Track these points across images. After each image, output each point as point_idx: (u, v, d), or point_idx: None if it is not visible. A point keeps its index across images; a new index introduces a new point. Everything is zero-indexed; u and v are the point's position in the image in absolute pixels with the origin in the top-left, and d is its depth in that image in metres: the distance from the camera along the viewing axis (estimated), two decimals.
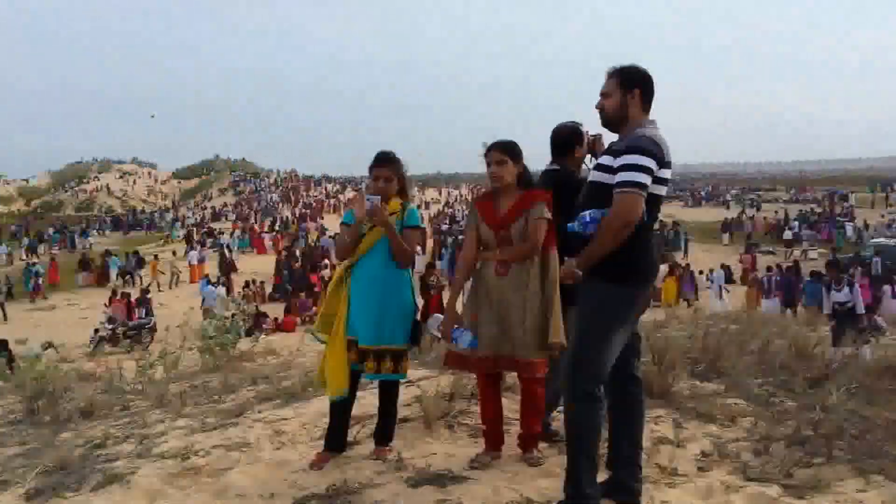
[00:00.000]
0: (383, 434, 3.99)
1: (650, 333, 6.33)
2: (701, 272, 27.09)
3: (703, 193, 65.37)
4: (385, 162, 3.93)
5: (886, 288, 17.88)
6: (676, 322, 10.92)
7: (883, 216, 41.80)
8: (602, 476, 3.24)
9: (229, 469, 3.91)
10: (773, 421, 4.49)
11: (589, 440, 3.06)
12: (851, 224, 39.37)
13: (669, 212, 49.70)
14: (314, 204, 55.65)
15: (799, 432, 4.18)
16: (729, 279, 24.89)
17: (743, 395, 5.14)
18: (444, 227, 42.32)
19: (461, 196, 62.16)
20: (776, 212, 44.85)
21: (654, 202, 3.03)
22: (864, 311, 9.60)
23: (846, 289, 9.56)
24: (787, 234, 36.01)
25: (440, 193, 69.09)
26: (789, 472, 3.67)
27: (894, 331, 11.38)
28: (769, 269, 22.72)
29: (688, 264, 26.94)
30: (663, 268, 24.65)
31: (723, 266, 24.51)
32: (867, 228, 37.81)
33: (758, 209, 48.76)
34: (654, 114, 3.16)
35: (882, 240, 30.90)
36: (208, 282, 22.93)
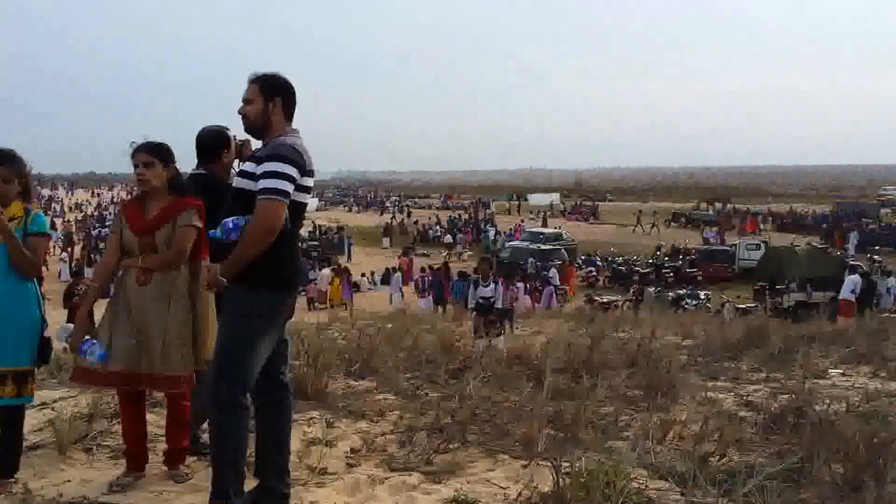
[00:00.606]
0: (4, 465, 3.52)
1: (311, 336, 6.43)
2: (363, 275, 28.34)
3: (366, 199, 68.35)
4: (2, 161, 3.48)
5: (520, 285, 20.21)
6: (339, 323, 11.26)
7: (522, 220, 47.41)
8: (251, 484, 3.22)
9: None
10: (418, 412, 4.83)
11: (234, 449, 3.01)
12: (493, 229, 44.08)
13: (334, 216, 51.17)
14: None
15: (438, 421, 4.54)
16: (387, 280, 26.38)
17: (393, 390, 5.45)
18: (95, 231, 39.03)
19: (115, 198, 57.67)
20: (429, 218, 48.59)
21: (297, 209, 3.08)
22: (501, 306, 10.59)
23: (492, 285, 10.44)
24: (448, 239, 39.13)
25: (92, 195, 63.59)
26: (430, 459, 3.98)
27: (522, 323, 12.95)
28: (422, 270, 24.48)
29: (346, 267, 27.91)
30: (326, 272, 25.30)
31: (396, 269, 25.86)
32: (499, 234, 42.75)
33: (408, 215, 52.25)
34: (298, 123, 3.22)
35: (516, 242, 35.14)
36: None
